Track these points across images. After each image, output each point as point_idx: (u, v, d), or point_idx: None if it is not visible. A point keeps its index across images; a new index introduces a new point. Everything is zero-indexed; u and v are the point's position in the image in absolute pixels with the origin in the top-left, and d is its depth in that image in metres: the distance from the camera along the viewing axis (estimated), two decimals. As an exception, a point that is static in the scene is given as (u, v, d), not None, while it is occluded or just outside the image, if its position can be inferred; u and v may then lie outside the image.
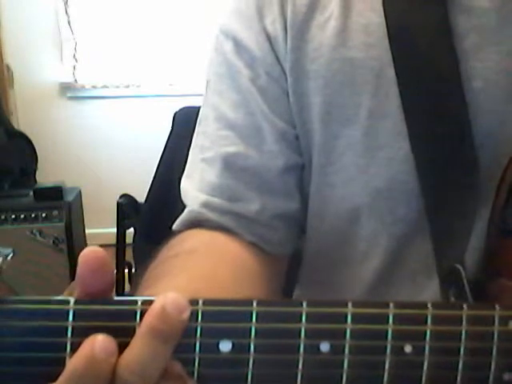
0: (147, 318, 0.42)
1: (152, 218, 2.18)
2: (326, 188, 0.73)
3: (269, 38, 0.71)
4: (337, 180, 0.72)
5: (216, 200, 0.72)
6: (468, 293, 0.60)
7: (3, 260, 0.41)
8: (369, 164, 0.69)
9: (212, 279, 0.65)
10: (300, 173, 0.74)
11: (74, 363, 0.41)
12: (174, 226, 0.76)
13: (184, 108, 2.12)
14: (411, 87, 0.66)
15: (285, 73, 0.71)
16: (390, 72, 0.67)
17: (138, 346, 0.42)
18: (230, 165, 0.73)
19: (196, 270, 0.65)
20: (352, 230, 0.73)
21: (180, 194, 0.77)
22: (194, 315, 0.43)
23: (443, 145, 0.65)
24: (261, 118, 0.72)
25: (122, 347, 0.42)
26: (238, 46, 0.73)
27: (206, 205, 0.72)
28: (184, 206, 0.75)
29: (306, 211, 0.76)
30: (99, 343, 0.41)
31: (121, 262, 2.73)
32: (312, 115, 0.71)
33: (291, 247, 0.76)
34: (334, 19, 0.69)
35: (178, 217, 0.76)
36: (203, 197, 0.73)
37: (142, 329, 0.42)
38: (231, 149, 0.73)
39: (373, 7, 0.68)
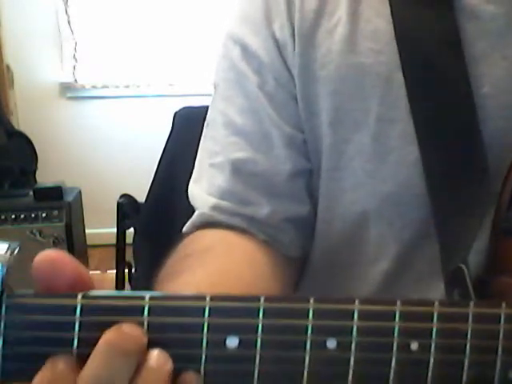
0: (106, 333, 0.42)
1: (152, 217, 2.17)
2: (335, 193, 0.73)
3: (277, 44, 0.71)
4: (346, 185, 0.72)
5: (226, 203, 0.72)
6: (471, 291, 0.60)
7: (11, 254, 0.41)
8: (378, 169, 0.69)
9: (231, 275, 0.66)
10: (309, 177, 0.74)
11: None
12: (184, 229, 0.76)
13: (184, 108, 2.11)
14: (420, 92, 0.66)
15: (293, 78, 0.71)
16: (399, 77, 0.66)
17: (95, 361, 0.42)
18: (238, 170, 0.73)
19: (214, 267, 0.66)
20: (360, 235, 0.73)
21: (180, 193, 0.77)
22: (201, 311, 0.43)
23: (452, 149, 0.65)
24: (269, 124, 0.72)
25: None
26: (246, 51, 0.73)
27: (216, 208, 0.73)
28: (188, 207, 0.75)
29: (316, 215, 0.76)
30: None
31: (121, 262, 2.73)
32: (321, 120, 0.71)
33: (302, 250, 0.76)
34: (342, 25, 0.69)
35: (177, 217, 0.76)
36: (213, 200, 0.73)
37: (100, 344, 0.42)
38: (240, 154, 0.73)
39: (381, 13, 0.68)
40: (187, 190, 0.79)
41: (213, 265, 0.66)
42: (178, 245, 0.71)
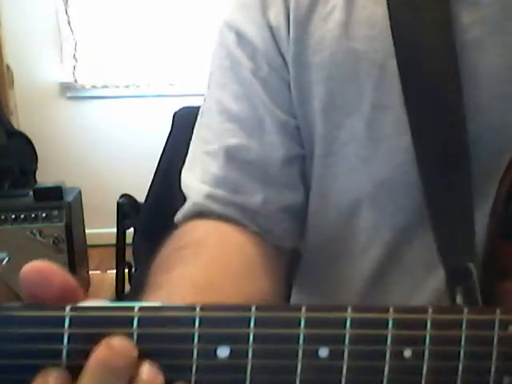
0: (96, 351, 0.41)
1: (152, 217, 2.17)
2: (328, 179, 0.73)
3: (271, 31, 0.72)
4: (339, 171, 0.72)
5: (219, 191, 0.72)
6: (478, 294, 0.60)
7: (-1, 264, 0.41)
8: (371, 155, 0.69)
9: (224, 268, 0.66)
10: (302, 164, 0.74)
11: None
12: (176, 218, 0.76)
13: (184, 108, 2.11)
14: (412, 79, 0.66)
15: (287, 64, 0.72)
16: (393, 64, 0.67)
17: (87, 379, 0.41)
18: (232, 157, 0.73)
19: (208, 260, 0.66)
20: (353, 222, 0.73)
21: (180, 193, 0.77)
22: (191, 321, 0.43)
23: (443, 137, 0.65)
24: (262, 110, 0.72)
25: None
26: (241, 38, 0.74)
27: (209, 196, 0.72)
28: (184, 200, 0.75)
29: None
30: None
31: (121, 262, 2.74)
32: (314, 106, 0.71)
33: (294, 240, 0.76)
34: (338, 12, 0.70)
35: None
36: (207, 188, 0.73)
37: (91, 363, 0.41)
38: (234, 141, 0.73)
39: (376, 0, 0.68)
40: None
41: (205, 257, 0.67)
42: (172, 236, 0.71)
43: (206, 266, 0.65)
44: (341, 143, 0.71)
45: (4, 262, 0.52)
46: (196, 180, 0.75)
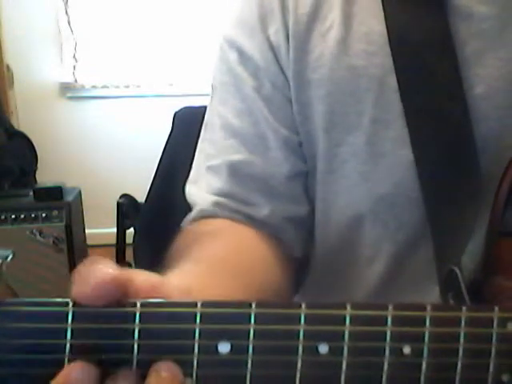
0: None
1: (152, 217, 2.17)
2: (330, 195, 0.73)
3: (272, 48, 0.72)
4: (340, 187, 0.72)
5: (227, 201, 0.73)
6: (465, 294, 0.60)
7: (3, 262, 0.41)
8: (372, 171, 0.70)
9: (243, 253, 0.67)
10: (306, 179, 0.75)
11: None
12: (183, 223, 0.76)
13: (184, 108, 2.11)
14: (413, 94, 0.66)
15: (288, 81, 0.72)
16: (392, 80, 0.67)
17: None
18: (235, 172, 0.73)
19: (228, 243, 0.67)
20: (356, 236, 0.73)
21: (180, 193, 0.78)
22: (192, 317, 0.43)
23: (445, 151, 0.65)
24: (265, 127, 0.73)
25: (120, 350, 0.43)
26: (242, 55, 0.74)
27: (217, 204, 0.73)
28: (188, 207, 0.75)
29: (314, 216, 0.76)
30: None
31: (121, 262, 2.73)
32: (315, 123, 0.71)
33: (303, 249, 0.76)
34: (336, 28, 0.70)
35: (177, 217, 0.76)
36: (214, 197, 0.73)
37: None
38: (236, 157, 0.73)
39: (374, 15, 0.68)
40: (187, 189, 0.79)
41: (226, 242, 0.67)
42: (183, 231, 0.72)
43: (226, 248, 0.66)
44: (341, 160, 0.71)
45: (8, 259, 0.52)
46: (201, 192, 0.75)
